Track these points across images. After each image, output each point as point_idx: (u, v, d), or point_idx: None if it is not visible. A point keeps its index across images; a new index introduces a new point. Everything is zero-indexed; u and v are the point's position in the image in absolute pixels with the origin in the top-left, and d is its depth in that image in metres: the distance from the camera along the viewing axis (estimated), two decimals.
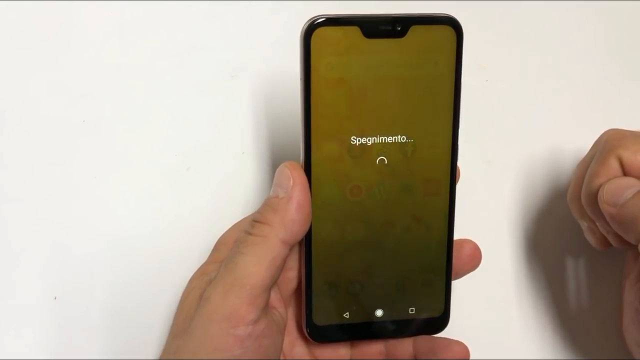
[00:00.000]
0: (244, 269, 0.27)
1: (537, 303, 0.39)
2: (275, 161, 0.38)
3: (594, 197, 0.33)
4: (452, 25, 0.28)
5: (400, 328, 0.32)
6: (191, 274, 0.31)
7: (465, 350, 0.32)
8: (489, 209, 0.39)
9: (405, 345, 0.32)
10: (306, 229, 0.29)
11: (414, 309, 0.31)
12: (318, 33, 0.27)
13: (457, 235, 0.32)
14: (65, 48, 0.38)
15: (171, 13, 0.39)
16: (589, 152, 0.36)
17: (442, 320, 0.32)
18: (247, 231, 0.29)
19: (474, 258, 0.32)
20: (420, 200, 0.30)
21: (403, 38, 0.28)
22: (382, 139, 0.29)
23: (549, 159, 0.41)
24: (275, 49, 0.39)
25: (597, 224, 0.35)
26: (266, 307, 0.28)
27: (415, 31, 0.28)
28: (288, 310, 0.32)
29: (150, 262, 0.34)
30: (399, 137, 0.29)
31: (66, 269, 0.35)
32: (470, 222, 0.38)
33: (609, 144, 0.33)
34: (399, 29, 0.28)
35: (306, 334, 0.31)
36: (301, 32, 0.27)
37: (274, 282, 0.28)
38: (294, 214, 0.28)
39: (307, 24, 0.27)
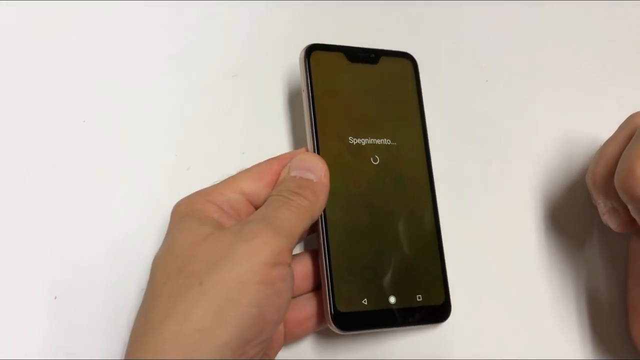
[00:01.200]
0: (289, 222, 0.29)
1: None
2: None
3: (636, 181, 0.31)
4: (409, 58, 0.37)
5: (412, 316, 0.34)
6: None
7: None
8: (490, 210, 0.39)
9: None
10: None
11: (420, 296, 0.34)
12: (314, 55, 0.35)
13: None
14: (65, 48, 0.38)
15: (171, 13, 0.39)
16: (617, 133, 0.35)
17: (444, 308, 0.35)
18: (287, 197, 0.30)
19: None
20: (410, 194, 0.35)
21: (376, 64, 0.36)
22: (372, 141, 0.35)
23: (549, 158, 0.41)
24: (275, 49, 0.39)
25: (630, 206, 0.33)
26: None
27: (384, 60, 0.37)
28: None
29: (150, 262, 0.34)
30: (385, 140, 0.35)
31: (66, 269, 0.34)
32: (472, 224, 0.39)
33: None
34: (373, 57, 0.36)
35: (331, 324, 0.32)
36: (301, 54, 0.35)
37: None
38: (324, 201, 0.31)
39: (306, 48, 0.35)
